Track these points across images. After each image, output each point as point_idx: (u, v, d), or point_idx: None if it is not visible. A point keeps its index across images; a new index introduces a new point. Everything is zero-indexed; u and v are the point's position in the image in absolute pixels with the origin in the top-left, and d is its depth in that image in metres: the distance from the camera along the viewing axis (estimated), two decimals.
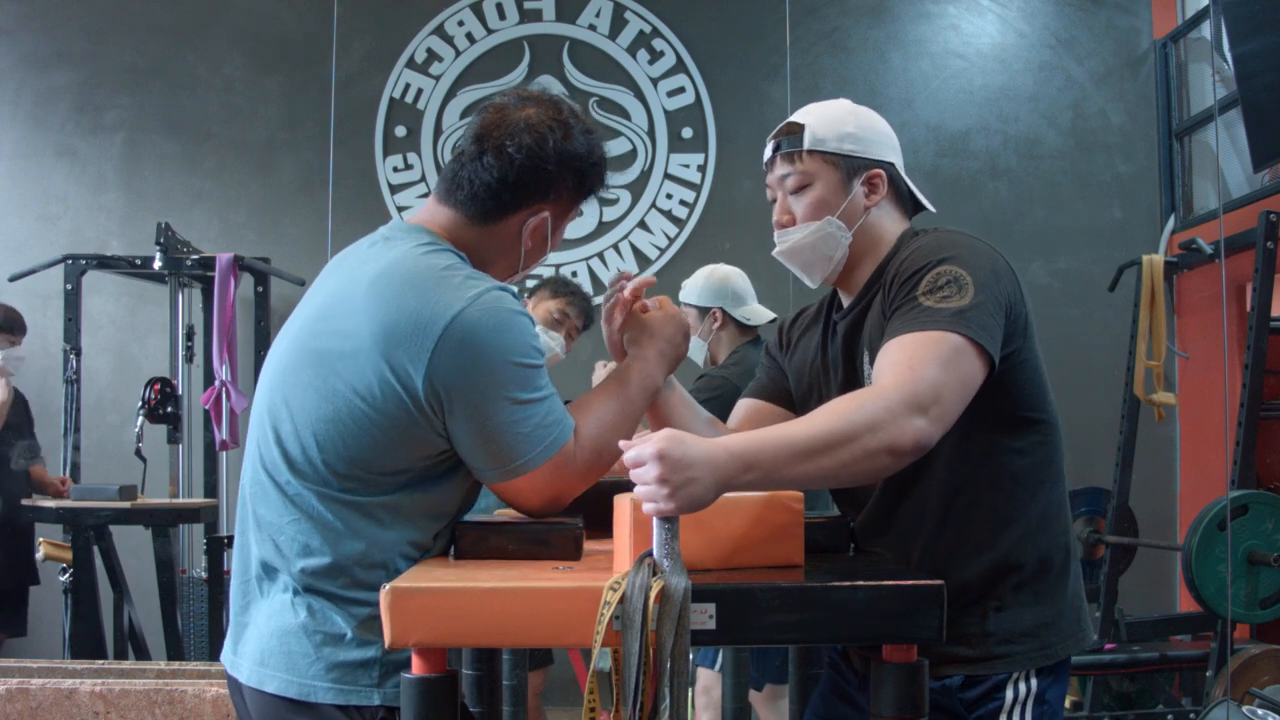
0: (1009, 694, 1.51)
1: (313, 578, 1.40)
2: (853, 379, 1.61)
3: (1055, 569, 1.55)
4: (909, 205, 1.68)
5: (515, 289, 1.49)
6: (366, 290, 1.42)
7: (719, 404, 1.87)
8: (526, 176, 1.50)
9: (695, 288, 3.28)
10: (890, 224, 1.63)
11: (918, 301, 1.43)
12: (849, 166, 1.59)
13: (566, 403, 1.54)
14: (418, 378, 1.37)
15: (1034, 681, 1.52)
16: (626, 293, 1.64)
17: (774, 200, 1.65)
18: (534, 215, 1.53)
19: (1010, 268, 1.51)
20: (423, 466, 1.43)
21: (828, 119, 1.61)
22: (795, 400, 1.75)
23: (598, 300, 5.45)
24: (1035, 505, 1.54)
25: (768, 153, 1.65)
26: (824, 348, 1.69)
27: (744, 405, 1.79)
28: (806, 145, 1.59)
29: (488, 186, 1.50)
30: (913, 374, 1.35)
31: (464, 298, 1.39)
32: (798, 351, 1.76)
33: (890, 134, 1.65)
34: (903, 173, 1.66)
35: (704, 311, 3.25)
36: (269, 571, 1.44)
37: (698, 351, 3.26)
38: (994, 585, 1.52)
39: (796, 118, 1.63)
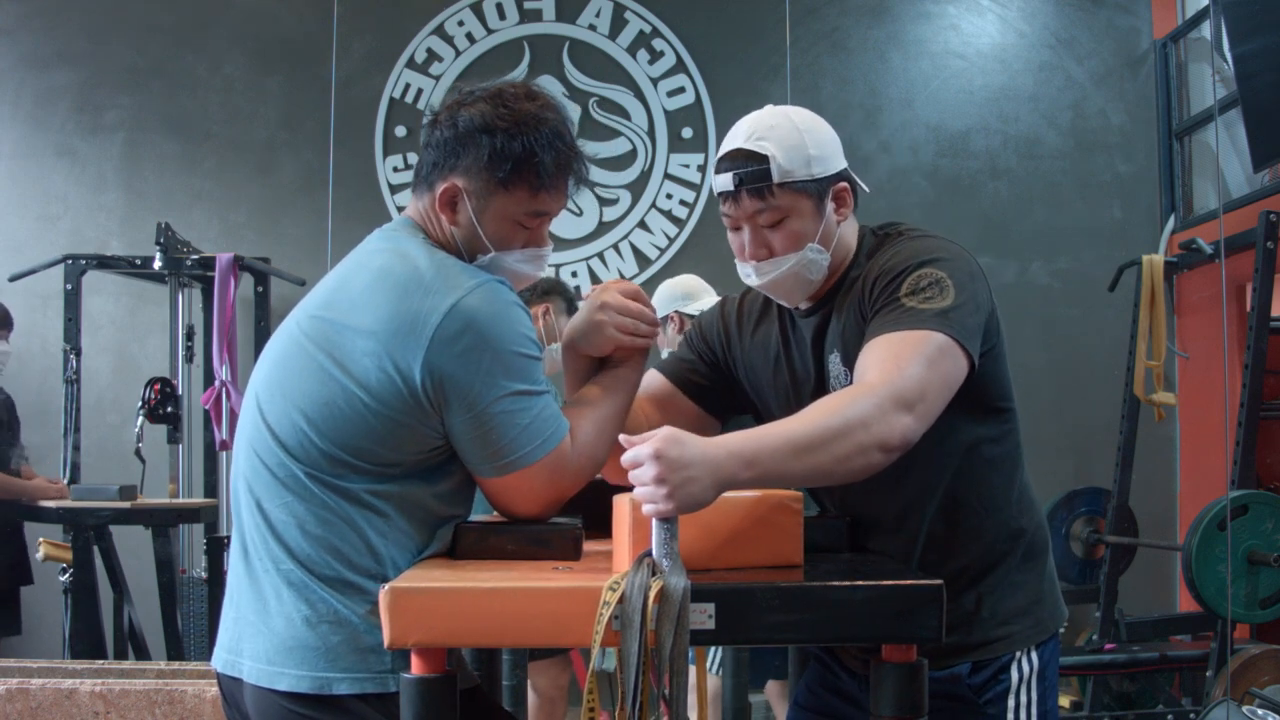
0: (1014, 674, 1.56)
1: (311, 563, 1.40)
2: (822, 380, 1.62)
3: (1038, 548, 1.63)
4: (855, 199, 1.64)
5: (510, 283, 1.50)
6: (367, 283, 1.45)
7: None
8: (440, 144, 1.54)
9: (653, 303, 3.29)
10: (848, 226, 1.63)
11: (900, 303, 1.45)
12: (819, 190, 1.55)
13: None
14: (416, 366, 1.38)
15: (1034, 658, 1.58)
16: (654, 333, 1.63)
17: (737, 228, 1.58)
18: (445, 184, 1.53)
19: (981, 269, 1.54)
20: (416, 460, 1.43)
21: (786, 146, 1.53)
22: (749, 394, 1.73)
23: None
24: (1012, 490, 1.60)
25: (728, 184, 1.54)
26: (785, 344, 1.68)
27: (651, 376, 1.74)
28: (776, 180, 1.52)
29: (421, 162, 1.57)
30: (899, 371, 1.37)
31: (462, 287, 1.41)
32: (751, 347, 1.73)
33: (834, 135, 1.60)
34: (846, 167, 1.62)
35: (665, 321, 3.27)
36: (269, 559, 1.42)
37: None
38: (987, 571, 1.57)
39: (753, 147, 1.53)
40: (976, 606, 1.56)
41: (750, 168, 1.53)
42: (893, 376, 1.36)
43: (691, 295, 3.27)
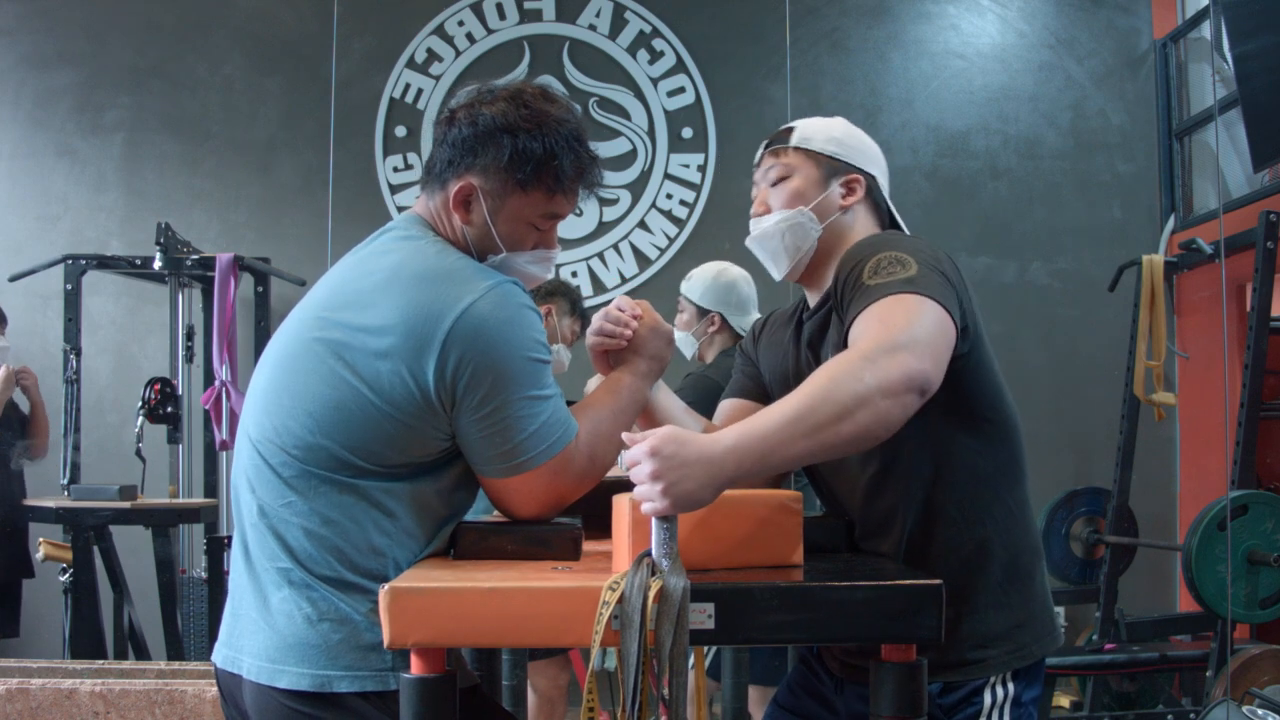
0: (987, 698, 1.51)
1: (312, 562, 1.40)
2: None
3: (1024, 570, 1.56)
4: (886, 222, 1.70)
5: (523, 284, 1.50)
6: (379, 285, 1.44)
7: (704, 406, 1.89)
8: (457, 142, 1.52)
9: (700, 286, 3.24)
10: (860, 230, 1.64)
11: (864, 284, 1.42)
12: (830, 166, 1.65)
13: (570, 403, 1.54)
14: (429, 371, 1.38)
15: (1011, 685, 1.52)
16: (626, 334, 1.65)
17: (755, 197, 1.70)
18: (460, 183, 1.52)
19: (955, 265, 1.51)
20: (420, 461, 1.43)
21: (818, 124, 1.69)
22: (769, 390, 1.77)
23: (595, 300, 5.42)
24: (1000, 505, 1.55)
25: (758, 155, 1.72)
26: (795, 343, 1.70)
27: (727, 405, 1.80)
28: (793, 142, 1.67)
29: (434, 159, 1.55)
30: (883, 325, 1.33)
31: (475, 290, 1.41)
32: (770, 347, 1.77)
33: (878, 153, 1.71)
34: (885, 191, 1.70)
35: (703, 311, 3.23)
36: (269, 558, 1.43)
37: (687, 346, 3.24)
38: (964, 587, 1.52)
39: (789, 125, 1.70)
40: (954, 624, 1.50)
41: (779, 137, 1.70)
42: (877, 332, 1.32)
43: (742, 306, 3.22)
